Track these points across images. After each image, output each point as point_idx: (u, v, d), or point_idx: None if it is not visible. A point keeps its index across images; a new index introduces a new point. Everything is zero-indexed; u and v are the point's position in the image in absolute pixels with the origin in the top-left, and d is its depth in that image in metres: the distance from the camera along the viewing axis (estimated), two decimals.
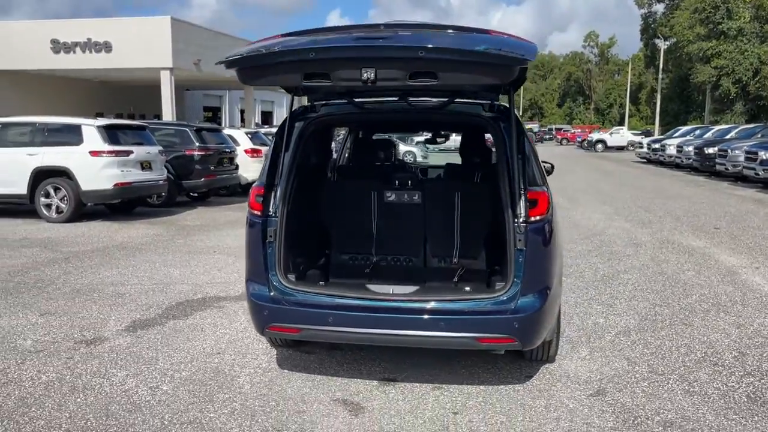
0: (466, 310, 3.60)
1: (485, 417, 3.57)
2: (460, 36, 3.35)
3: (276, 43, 3.34)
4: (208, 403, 3.68)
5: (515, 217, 3.61)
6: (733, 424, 3.52)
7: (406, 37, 3.29)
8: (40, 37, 29.38)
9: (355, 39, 3.27)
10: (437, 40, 3.19)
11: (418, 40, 3.21)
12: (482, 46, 3.06)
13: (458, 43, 3.16)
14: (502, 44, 3.15)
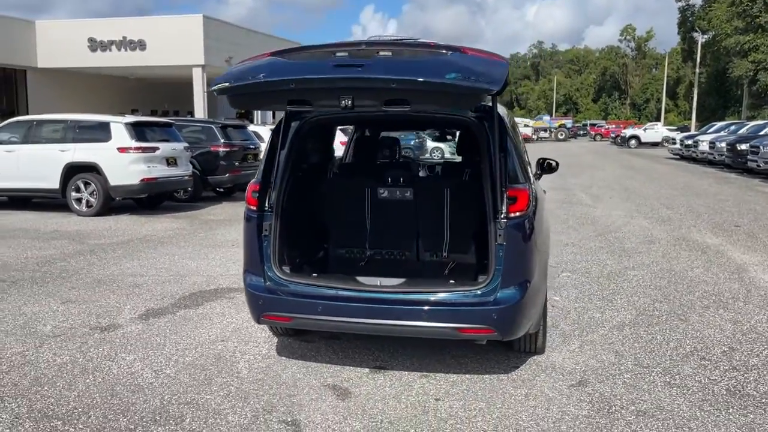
0: (447, 302, 3.78)
1: (465, 404, 3.74)
2: (433, 60, 3.47)
3: (261, 68, 3.56)
4: (206, 386, 3.93)
5: (496, 213, 3.78)
6: (706, 415, 3.63)
7: (381, 66, 3.42)
8: (77, 35, 30.23)
9: (333, 68, 3.43)
10: (409, 71, 3.35)
11: (390, 71, 3.36)
12: (452, 75, 3.21)
13: (429, 73, 3.28)
14: (472, 71, 3.28)
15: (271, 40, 34.94)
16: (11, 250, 8.12)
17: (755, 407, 3.73)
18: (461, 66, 3.35)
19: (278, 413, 3.58)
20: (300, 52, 3.78)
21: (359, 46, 3.61)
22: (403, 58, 3.53)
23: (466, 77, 3.21)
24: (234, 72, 3.65)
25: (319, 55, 3.71)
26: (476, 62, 3.45)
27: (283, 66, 3.60)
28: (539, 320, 4.19)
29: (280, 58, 3.70)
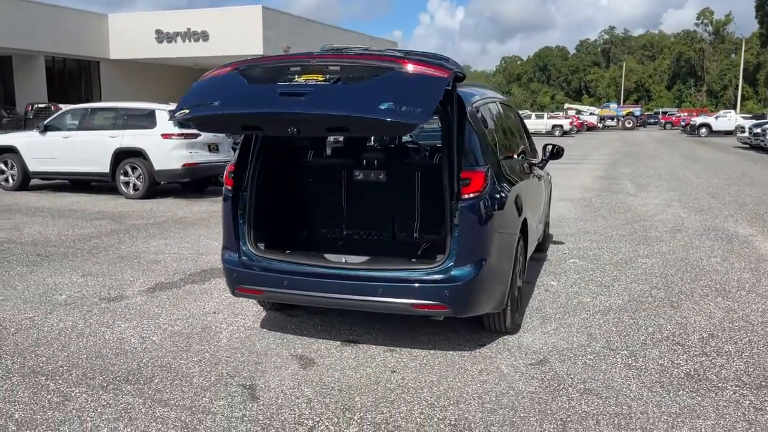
0: (402, 279, 3.96)
1: (418, 376, 3.91)
2: (370, 87, 3.58)
3: (218, 94, 3.85)
4: (184, 352, 4.25)
5: (451, 194, 3.92)
6: (652, 395, 3.68)
7: (320, 98, 3.56)
8: (146, 28, 31.55)
9: (278, 99, 3.60)
10: (345, 103, 3.53)
11: (328, 104, 3.55)
12: (385, 106, 3.37)
13: (363, 106, 3.47)
14: (405, 99, 3.42)
15: (329, 30, 35.44)
16: (56, 227, 8.75)
17: (707, 391, 3.74)
18: (396, 92, 3.50)
19: (240, 378, 3.86)
20: (256, 68, 3.99)
21: (310, 61, 3.79)
22: (342, 87, 3.63)
23: (398, 108, 3.36)
24: (193, 96, 3.92)
25: (272, 74, 3.86)
26: (413, 84, 3.58)
27: (235, 93, 3.83)
28: (502, 300, 4.30)
29: (239, 75, 3.92)
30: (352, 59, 3.80)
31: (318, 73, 3.70)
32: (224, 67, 4.03)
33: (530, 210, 5.29)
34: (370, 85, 3.59)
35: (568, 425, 3.33)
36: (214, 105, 3.73)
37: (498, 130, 4.92)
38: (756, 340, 4.61)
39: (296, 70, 3.75)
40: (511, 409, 3.50)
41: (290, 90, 3.60)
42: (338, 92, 3.61)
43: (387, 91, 3.52)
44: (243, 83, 3.85)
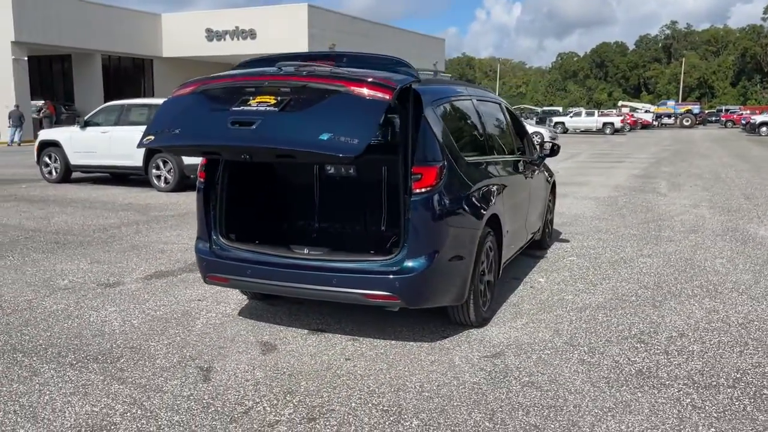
0: (355, 270, 4.10)
1: (370, 364, 4.05)
2: (313, 116, 3.73)
3: (177, 121, 4.09)
4: (157, 335, 4.50)
5: (404, 189, 4.04)
6: (593, 389, 3.71)
7: (267, 129, 3.73)
8: (196, 27, 32.47)
9: (229, 129, 3.79)
10: (289, 136, 3.71)
11: (274, 135, 3.74)
12: (325, 137, 3.54)
13: (304, 139, 3.65)
14: (344, 129, 3.58)
15: (375, 28, 35.67)
16: (82, 218, 9.23)
17: (651, 388, 3.75)
18: (337, 120, 3.66)
19: (200, 360, 4.08)
20: (215, 89, 4.17)
21: (263, 83, 3.98)
22: (288, 116, 3.78)
23: (337, 138, 3.53)
24: (158, 122, 4.18)
25: (228, 96, 4.03)
26: (353, 110, 3.71)
27: (193, 121, 4.05)
28: (463, 293, 4.39)
29: (198, 97, 4.14)
30: (302, 81, 3.92)
31: (270, 95, 3.88)
32: (187, 85, 4.23)
33: (509, 207, 5.34)
34: (313, 113, 3.74)
35: (497, 414, 3.40)
36: (175, 133, 3.97)
37: (466, 128, 4.99)
38: (726, 341, 4.55)
39: (251, 91, 3.95)
40: (448, 398, 3.60)
41: (241, 118, 3.79)
42: (284, 122, 3.76)
43: (329, 119, 3.68)
44: (200, 109, 4.06)
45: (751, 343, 4.52)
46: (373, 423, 3.31)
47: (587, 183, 14.69)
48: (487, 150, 5.16)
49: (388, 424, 3.30)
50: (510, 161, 5.79)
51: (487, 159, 5.05)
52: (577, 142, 33.75)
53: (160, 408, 3.43)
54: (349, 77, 3.85)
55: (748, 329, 4.79)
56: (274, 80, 3.96)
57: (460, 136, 4.75)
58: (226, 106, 3.93)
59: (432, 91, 4.48)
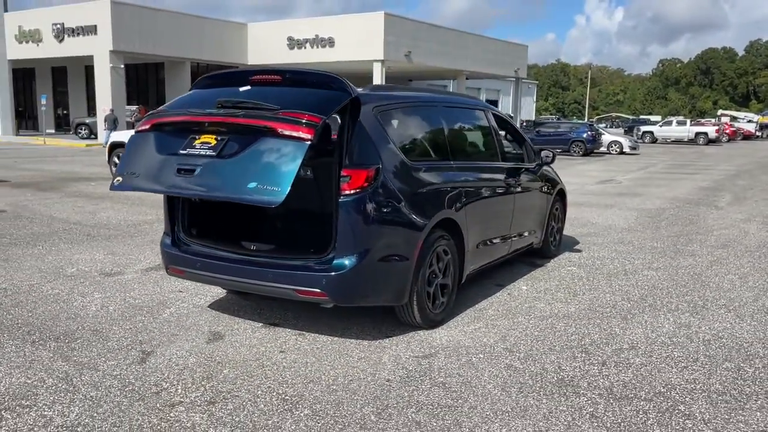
0: (288, 266, 4.31)
1: (299, 358, 4.23)
2: (244, 163, 4.04)
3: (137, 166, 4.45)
4: (123, 321, 4.87)
5: (335, 190, 4.21)
6: (500, 394, 3.73)
7: (205, 176, 4.12)
8: (279, 35, 33.67)
9: (175, 176, 4.19)
10: (221, 185, 4.08)
11: (209, 182, 4.12)
12: (252, 185, 3.90)
13: (236, 189, 4.00)
14: (267, 177, 3.90)
15: (452, 34, 35.68)
16: (125, 214, 9.92)
17: (560, 396, 3.73)
18: (262, 167, 3.98)
19: (148, 345, 4.40)
20: (166, 126, 4.49)
21: (204, 124, 4.28)
22: (223, 162, 4.09)
23: (263, 187, 3.87)
24: (124, 164, 4.51)
25: (177, 136, 4.36)
26: (277, 156, 3.97)
27: (148, 166, 4.39)
28: (401, 294, 4.50)
29: (153, 136, 4.48)
30: (237, 122, 4.19)
31: (211, 134, 4.21)
32: (145, 121, 4.61)
33: (479, 212, 5.38)
34: (243, 159, 4.04)
35: (387, 410, 3.50)
36: (136, 177, 4.36)
37: (420, 133, 5.09)
38: (676, 356, 4.41)
39: (197, 130, 4.28)
40: (352, 392, 3.73)
41: (185, 166, 4.14)
42: (219, 170, 4.08)
43: (255, 165, 3.99)
44: (154, 151, 4.40)
45: (702, 359, 4.36)
46: (267, 409, 3.49)
47: (643, 194, 14.19)
48: (451, 155, 5.22)
49: (279, 411, 3.48)
50: (487, 167, 5.81)
51: (445, 164, 5.11)
52: (660, 153, 32.39)
53: (84, 384, 3.75)
54: (277, 117, 4.05)
55: (709, 346, 4.61)
56: (214, 121, 4.27)
57: (409, 141, 4.86)
58: (175, 148, 4.29)
59: (374, 97, 4.62)
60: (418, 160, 4.83)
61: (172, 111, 4.59)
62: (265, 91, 4.46)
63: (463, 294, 5.67)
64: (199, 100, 4.66)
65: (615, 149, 31.38)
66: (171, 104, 4.78)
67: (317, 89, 4.36)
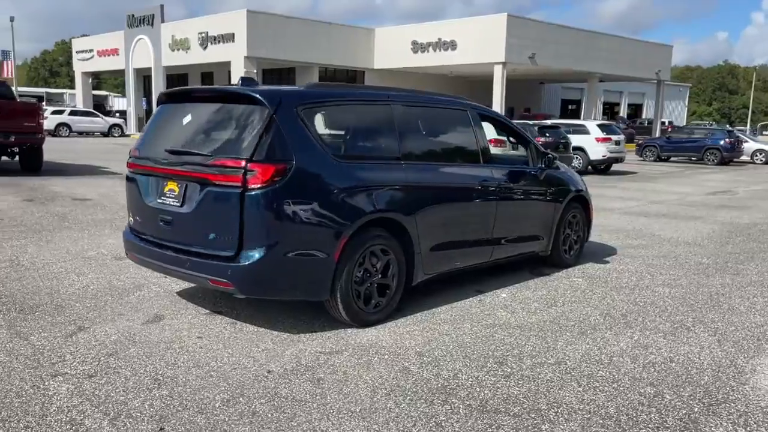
0: (204, 255, 4.49)
1: (211, 344, 4.38)
2: (201, 214, 4.53)
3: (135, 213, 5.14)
4: (89, 299, 5.30)
5: (244, 184, 4.33)
6: (365, 396, 3.65)
7: (177, 231, 4.70)
8: (404, 39, 34.23)
9: (162, 232, 4.80)
10: (190, 238, 4.63)
11: (182, 241, 4.68)
12: (212, 235, 4.48)
13: (200, 242, 4.56)
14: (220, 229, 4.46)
15: (580, 35, 34.23)
16: None
17: (430, 403, 3.59)
18: (214, 219, 4.47)
19: (88, 322, 4.77)
20: (142, 175, 5.03)
21: (168, 174, 4.74)
22: (186, 214, 4.59)
23: (220, 238, 4.42)
24: (129, 208, 5.27)
25: (152, 181, 4.93)
26: (221, 201, 4.39)
27: (142, 214, 5.05)
28: (318, 289, 4.55)
29: (138, 179, 5.05)
30: (182, 174, 4.63)
31: (173, 181, 4.68)
32: (129, 162, 5.20)
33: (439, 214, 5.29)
34: (198, 210, 4.52)
35: (240, 398, 3.57)
36: (138, 224, 5.10)
37: (358, 131, 5.07)
38: (598, 375, 4.07)
39: (162, 177, 4.77)
40: (223, 379, 3.83)
41: (165, 216, 4.71)
42: (185, 222, 4.61)
43: (208, 215, 4.49)
44: (141, 198, 4.98)
45: (624, 381, 3.99)
46: (131, 387, 3.69)
47: (751, 207, 12.91)
48: (401, 155, 5.13)
49: (140, 389, 3.65)
50: (455, 169, 5.65)
51: (391, 164, 5.04)
52: None
53: (3, 350, 4.19)
54: (210, 167, 4.44)
55: (648, 369, 4.20)
56: (168, 173, 4.75)
57: (342, 139, 4.86)
58: (153, 196, 4.88)
59: (298, 95, 4.69)
60: (351, 158, 4.82)
61: (141, 156, 5.08)
62: (200, 117, 4.84)
63: (435, 296, 5.64)
64: (161, 129, 5.10)
65: (760, 159, 28.54)
66: (143, 135, 5.27)
67: (241, 105, 4.61)
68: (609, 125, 22.19)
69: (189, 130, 4.82)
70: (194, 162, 4.56)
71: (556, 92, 47.67)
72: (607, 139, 20.49)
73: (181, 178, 4.65)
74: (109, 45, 42.81)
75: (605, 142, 20.37)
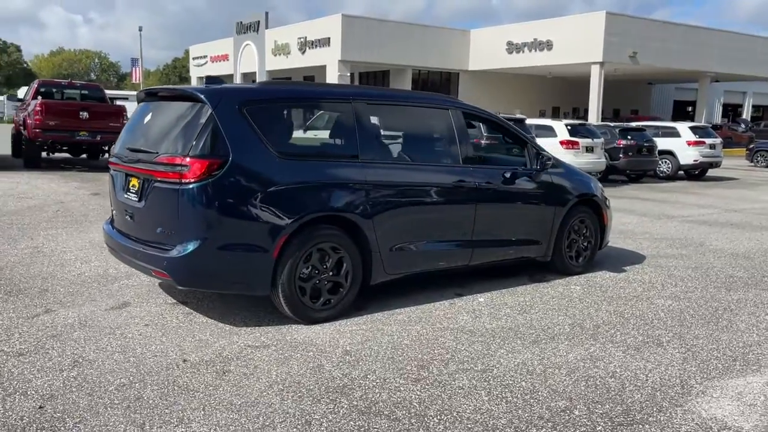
0: (151, 247, 4.66)
1: (152, 332, 4.53)
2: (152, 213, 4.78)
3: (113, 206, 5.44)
4: (75, 285, 5.62)
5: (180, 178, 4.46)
6: (253, 390, 3.66)
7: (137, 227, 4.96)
8: (499, 40, 33.68)
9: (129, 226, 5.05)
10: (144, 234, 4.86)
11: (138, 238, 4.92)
12: (159, 229, 4.69)
13: (150, 239, 4.78)
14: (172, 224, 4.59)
15: (689, 32, 32.14)
16: None
17: (311, 399, 3.56)
18: (161, 214, 4.66)
19: (59, 305, 5.06)
20: (116, 171, 5.31)
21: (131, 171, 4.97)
22: (142, 210, 4.80)
23: (166, 233, 4.62)
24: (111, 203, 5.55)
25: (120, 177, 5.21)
26: (167, 204, 4.57)
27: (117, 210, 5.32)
28: (258, 284, 4.63)
29: (115, 175, 5.35)
30: (138, 171, 4.87)
31: (135, 177, 4.90)
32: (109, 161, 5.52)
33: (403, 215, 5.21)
34: (150, 205, 4.72)
35: (133, 385, 3.69)
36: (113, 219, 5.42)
37: (309, 131, 5.06)
38: (521, 386, 3.85)
39: (129, 174, 5.00)
40: (135, 365, 3.95)
41: (129, 210, 4.96)
42: (142, 216, 4.83)
43: (157, 211, 4.66)
44: (116, 194, 5.25)
45: (540, 392, 3.76)
46: (45, 366, 3.87)
47: None
48: (360, 153, 5.06)
49: (57, 370, 3.84)
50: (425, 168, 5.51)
51: (347, 162, 4.99)
52: None
53: None
54: (156, 164, 4.63)
55: (578, 383, 3.92)
56: (129, 170, 4.99)
57: (291, 137, 4.89)
58: (121, 190, 5.14)
59: (242, 92, 4.75)
60: (300, 156, 4.84)
61: (115, 154, 5.37)
62: (159, 116, 5.06)
63: (410, 296, 5.59)
64: (134, 128, 5.34)
65: None
66: (121, 133, 5.57)
67: (189, 103, 4.77)
68: (704, 128, 20.66)
69: (148, 129, 5.04)
70: (145, 159, 4.77)
71: (668, 93, 45.04)
72: (700, 142, 19.10)
73: (138, 174, 4.87)
74: (221, 51, 45.14)
75: (697, 145, 19.01)
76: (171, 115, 4.90)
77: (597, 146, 16.24)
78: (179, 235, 4.49)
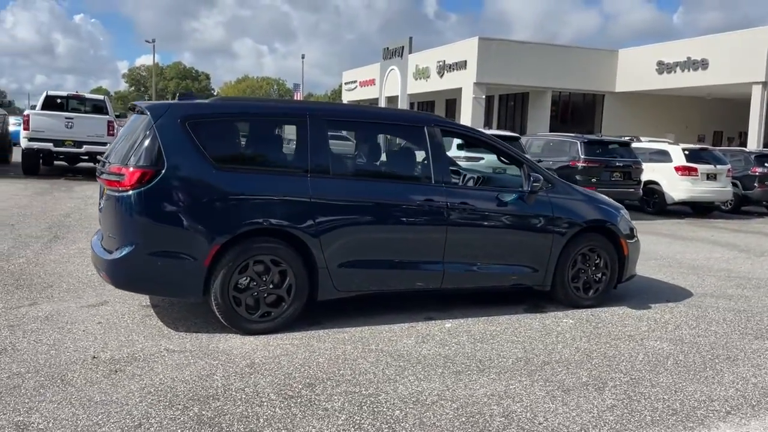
0: (104, 251, 4.97)
1: (95, 329, 4.83)
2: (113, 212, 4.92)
3: None
4: (75, 281, 6.10)
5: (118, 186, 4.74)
6: (137, 407, 3.78)
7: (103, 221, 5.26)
8: (649, 60, 31.74)
9: None
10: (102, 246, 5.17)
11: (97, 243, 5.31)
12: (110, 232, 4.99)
13: (100, 249, 5.11)
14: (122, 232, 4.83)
15: None
16: None
17: (170, 408, 3.59)
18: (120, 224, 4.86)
19: (46, 299, 5.52)
20: None
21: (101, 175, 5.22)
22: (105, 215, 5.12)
23: (112, 237, 4.92)
24: None
25: None
26: (121, 213, 4.82)
27: None
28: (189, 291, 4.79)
29: None
30: (102, 182, 5.14)
31: (106, 187, 5.12)
32: None
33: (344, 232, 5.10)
34: (106, 209, 5.00)
35: (57, 382, 3.96)
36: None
37: (255, 146, 5.13)
38: (385, 414, 3.63)
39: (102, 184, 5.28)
40: (49, 358, 4.23)
41: (101, 219, 5.31)
42: (103, 224, 5.16)
43: (110, 215, 4.91)
44: None
45: (408, 420, 3.50)
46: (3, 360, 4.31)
47: None
48: (310, 168, 5.01)
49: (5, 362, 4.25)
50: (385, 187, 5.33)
51: (293, 178, 4.97)
52: None
53: None
54: (108, 173, 4.94)
55: (456, 418, 3.62)
56: (100, 181, 5.27)
57: (235, 151, 4.99)
58: (99, 200, 5.42)
59: (185, 108, 4.91)
60: (241, 169, 4.92)
61: None
62: (126, 128, 5.41)
63: (377, 315, 5.51)
64: (116, 141, 5.68)
65: None
66: None
67: (141, 116, 5.07)
68: None
69: (117, 141, 5.42)
70: (103, 170, 5.13)
71: None
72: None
73: (102, 185, 5.20)
74: (369, 76, 46.80)
75: None
76: (130, 128, 5.23)
77: (721, 173, 14.74)
78: (118, 240, 4.77)
